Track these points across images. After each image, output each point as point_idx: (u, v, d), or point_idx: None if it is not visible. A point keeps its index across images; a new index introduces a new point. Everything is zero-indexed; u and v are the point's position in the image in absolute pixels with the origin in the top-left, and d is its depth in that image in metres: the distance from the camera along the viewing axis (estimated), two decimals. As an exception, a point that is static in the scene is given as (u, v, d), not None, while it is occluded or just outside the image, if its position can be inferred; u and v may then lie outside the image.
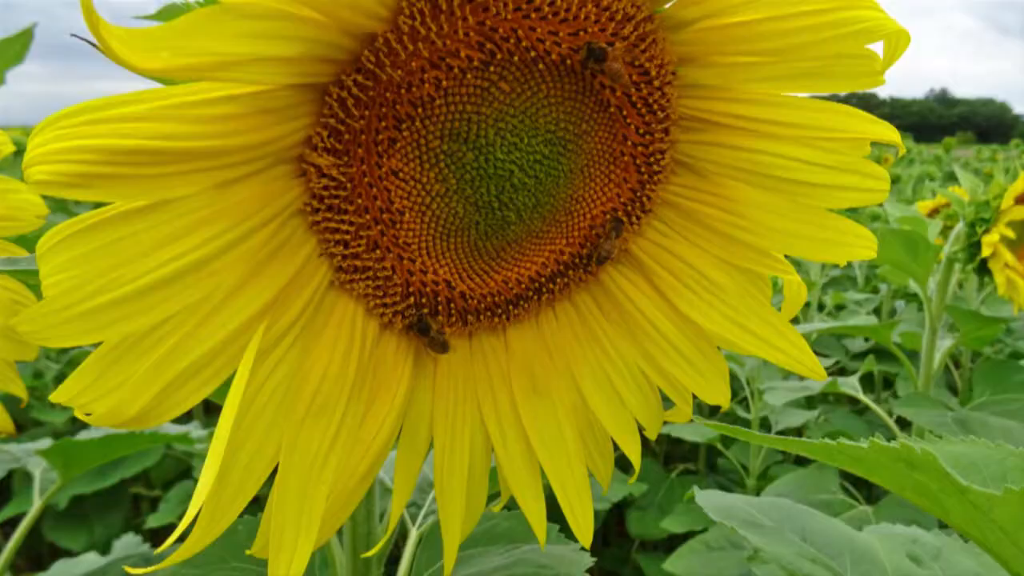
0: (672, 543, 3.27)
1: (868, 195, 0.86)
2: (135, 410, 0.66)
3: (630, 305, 0.94)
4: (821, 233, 0.88)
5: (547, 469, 0.92)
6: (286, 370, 0.75)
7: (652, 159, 0.89)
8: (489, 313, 0.91)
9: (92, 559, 2.33)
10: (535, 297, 0.93)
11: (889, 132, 0.84)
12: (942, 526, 1.76)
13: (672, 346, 0.94)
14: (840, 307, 4.98)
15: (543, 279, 0.92)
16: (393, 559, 1.19)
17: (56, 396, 0.65)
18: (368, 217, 0.78)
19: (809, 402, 4.04)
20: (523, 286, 0.92)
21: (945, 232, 3.66)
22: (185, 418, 3.02)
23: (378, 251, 0.81)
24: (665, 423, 0.98)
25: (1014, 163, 2.66)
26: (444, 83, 0.75)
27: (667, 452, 4.38)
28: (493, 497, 0.97)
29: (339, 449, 0.77)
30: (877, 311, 5.03)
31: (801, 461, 3.51)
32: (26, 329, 0.61)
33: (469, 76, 0.76)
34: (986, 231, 2.50)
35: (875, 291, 5.52)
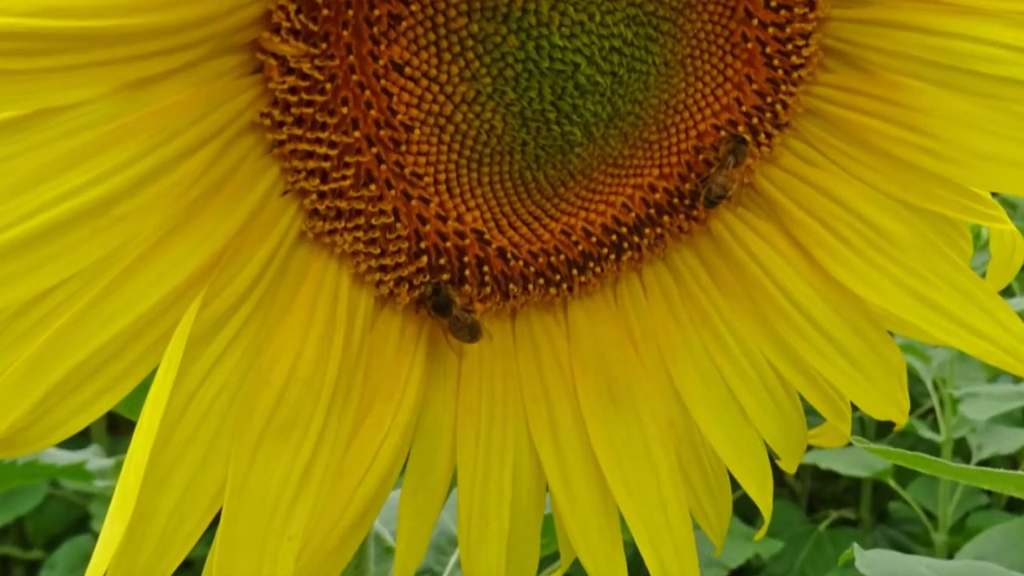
0: (820, 627, 3.27)
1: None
2: (3, 427, 0.65)
3: (756, 268, 0.92)
4: (1049, 158, 0.86)
5: (629, 516, 0.90)
6: (234, 366, 0.74)
7: (790, 46, 0.88)
8: (542, 281, 0.90)
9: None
10: (612, 256, 0.92)
11: None
12: None
13: (819, 330, 0.92)
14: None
15: (624, 229, 0.91)
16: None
17: None
18: (358, 135, 0.77)
19: (1030, 416, 4.03)
20: (593, 240, 0.91)
21: None
22: (80, 440, 3.02)
23: (373, 186, 0.79)
24: (810, 448, 0.98)
25: None
26: (473, -71, 0.74)
27: (813, 492, 4.37)
28: (548, 560, 0.97)
29: (313, 486, 0.76)
30: None
31: (1016, 506, 3.49)
32: None
33: (511, -82, 0.75)
34: None
35: None
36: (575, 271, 0.91)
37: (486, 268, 0.86)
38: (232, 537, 0.72)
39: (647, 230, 0.92)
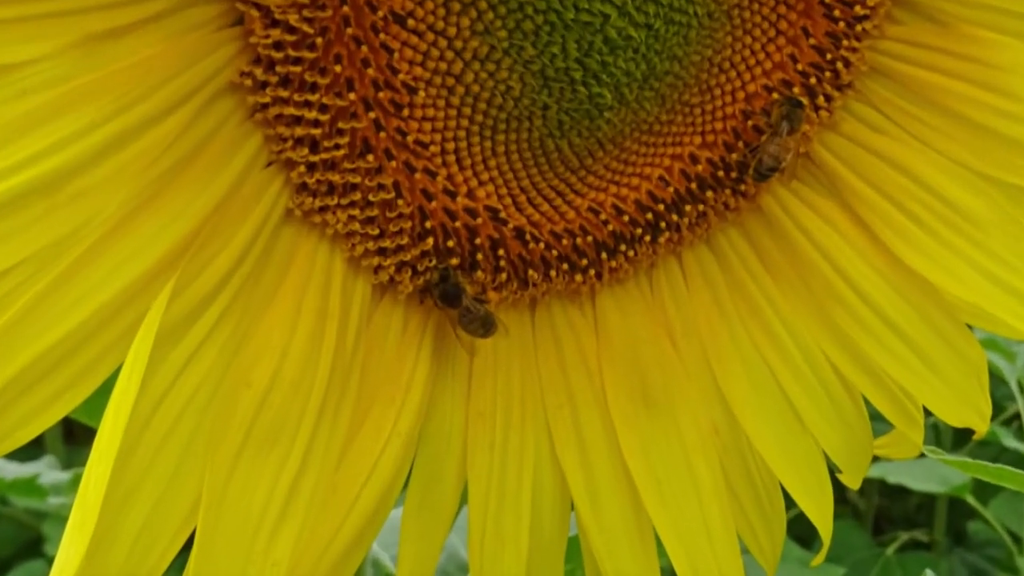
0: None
1: None
2: (-58, 435, 0.65)
3: (813, 250, 0.92)
4: None
5: (666, 537, 0.90)
6: (210, 365, 0.73)
7: (853, -6, 0.87)
8: (566, 266, 0.89)
9: None
10: (647, 237, 0.91)
11: None
12: None
13: (885, 322, 0.92)
14: None
15: (661, 206, 0.91)
16: None
17: None
18: (353, 97, 0.76)
19: None
20: (626, 218, 0.90)
21: None
22: (32, 450, 3.01)
23: (371, 156, 0.79)
24: (877, 460, 0.97)
25: None
26: None
27: (880, 511, 4.37)
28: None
29: (302, 503, 0.75)
30: None
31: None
32: None
33: None
34: None
35: None
36: (604, 255, 0.90)
37: (501, 251, 0.86)
38: (208, 563, 0.72)
39: (688, 207, 0.91)
